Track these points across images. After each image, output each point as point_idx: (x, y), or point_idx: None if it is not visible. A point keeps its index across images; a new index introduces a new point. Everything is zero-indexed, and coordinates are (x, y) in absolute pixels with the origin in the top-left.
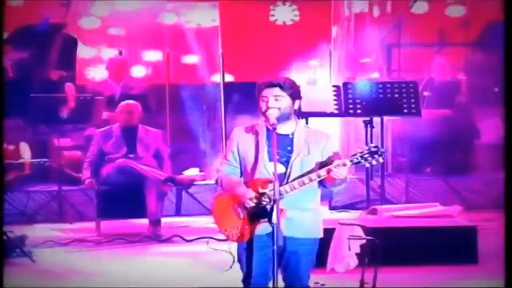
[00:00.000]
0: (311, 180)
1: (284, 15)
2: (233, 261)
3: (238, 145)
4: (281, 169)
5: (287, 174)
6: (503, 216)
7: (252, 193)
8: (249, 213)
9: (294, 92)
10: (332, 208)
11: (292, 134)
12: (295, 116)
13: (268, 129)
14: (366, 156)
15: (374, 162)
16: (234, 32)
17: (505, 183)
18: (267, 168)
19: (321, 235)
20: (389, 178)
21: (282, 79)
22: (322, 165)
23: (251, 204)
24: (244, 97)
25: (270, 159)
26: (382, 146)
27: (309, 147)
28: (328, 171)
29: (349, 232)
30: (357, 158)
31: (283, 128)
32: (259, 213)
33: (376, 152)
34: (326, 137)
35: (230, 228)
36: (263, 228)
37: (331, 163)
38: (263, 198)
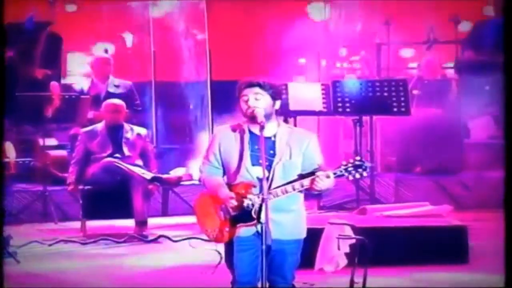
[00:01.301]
0: (294, 189)
1: None
2: (220, 259)
3: (220, 146)
4: (262, 173)
5: (269, 178)
6: (503, 215)
7: (234, 197)
8: (231, 216)
9: (274, 92)
10: (320, 208)
11: (274, 136)
12: (276, 117)
13: (250, 131)
14: (350, 169)
15: (357, 176)
16: (221, 29)
17: (505, 183)
18: (250, 172)
19: (304, 235)
20: (379, 177)
21: (261, 78)
22: (304, 175)
23: (233, 204)
24: (232, 96)
25: (253, 163)
26: (371, 147)
27: (291, 151)
28: (312, 182)
29: (338, 232)
30: (341, 171)
31: (265, 130)
32: (241, 216)
33: (360, 166)
34: (309, 138)
35: (211, 228)
36: (244, 230)
37: (312, 172)
38: (246, 202)
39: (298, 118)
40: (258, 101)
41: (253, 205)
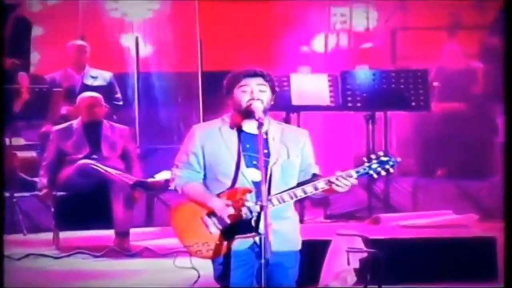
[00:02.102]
0: (305, 192)
1: None
2: (198, 277)
3: (203, 148)
4: (258, 176)
5: (267, 181)
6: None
7: (231, 204)
8: (225, 227)
9: (274, 85)
10: (327, 216)
11: (266, 133)
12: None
13: (240, 129)
14: (374, 166)
15: (383, 173)
16: (213, 15)
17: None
18: (246, 175)
19: (300, 245)
20: (394, 182)
21: (263, 71)
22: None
23: (230, 213)
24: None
25: (248, 165)
26: (387, 148)
27: (288, 150)
28: (328, 183)
29: (347, 244)
30: (364, 169)
31: (255, 127)
32: (237, 227)
33: (386, 162)
34: (305, 136)
35: (198, 243)
36: (239, 243)
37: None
38: (243, 210)
39: (302, 114)
40: (262, 93)
41: (251, 213)
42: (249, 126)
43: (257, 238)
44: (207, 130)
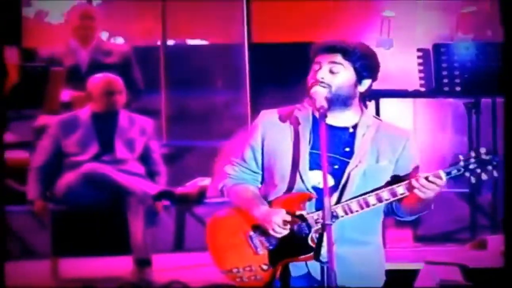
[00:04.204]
0: (380, 200)
1: None
2: None
3: (263, 140)
4: (329, 181)
5: (339, 189)
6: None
7: (285, 216)
8: (274, 247)
9: (364, 66)
10: (418, 238)
11: (354, 128)
12: (360, 103)
13: (315, 117)
14: (472, 166)
15: (484, 176)
16: None
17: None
18: (305, 180)
19: (382, 283)
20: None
21: (351, 43)
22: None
23: (282, 232)
24: (283, 67)
25: (312, 166)
26: (494, 145)
27: (378, 152)
28: (410, 188)
29: (440, 275)
30: (459, 169)
31: (339, 119)
32: (291, 247)
33: (488, 162)
34: (406, 137)
35: (239, 267)
36: (294, 268)
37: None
38: (298, 225)
39: (382, 102)
40: (334, 75)
41: (309, 229)
42: (332, 116)
43: (315, 266)
44: (274, 117)
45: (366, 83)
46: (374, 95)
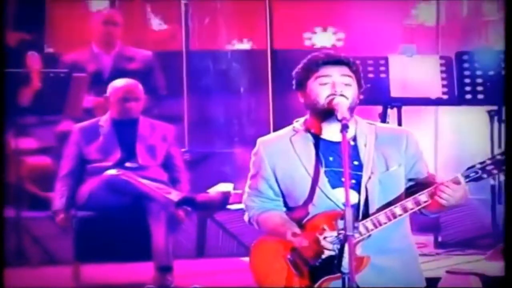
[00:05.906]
0: (406, 210)
1: None
2: None
3: (274, 170)
4: (352, 197)
5: (362, 204)
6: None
7: (312, 236)
8: (310, 266)
9: (360, 79)
10: (439, 245)
11: (354, 140)
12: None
13: (315, 135)
14: (489, 168)
15: (501, 177)
16: None
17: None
18: (332, 198)
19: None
20: None
21: (347, 56)
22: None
23: (327, 247)
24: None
25: (334, 184)
26: None
27: (385, 158)
28: (431, 195)
29: (461, 285)
30: (476, 172)
31: (337, 134)
32: (326, 265)
33: (505, 162)
34: (405, 134)
35: None
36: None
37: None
38: (327, 243)
39: (404, 110)
40: (348, 87)
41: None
42: (331, 131)
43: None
44: (275, 145)
45: (359, 94)
46: (396, 103)
